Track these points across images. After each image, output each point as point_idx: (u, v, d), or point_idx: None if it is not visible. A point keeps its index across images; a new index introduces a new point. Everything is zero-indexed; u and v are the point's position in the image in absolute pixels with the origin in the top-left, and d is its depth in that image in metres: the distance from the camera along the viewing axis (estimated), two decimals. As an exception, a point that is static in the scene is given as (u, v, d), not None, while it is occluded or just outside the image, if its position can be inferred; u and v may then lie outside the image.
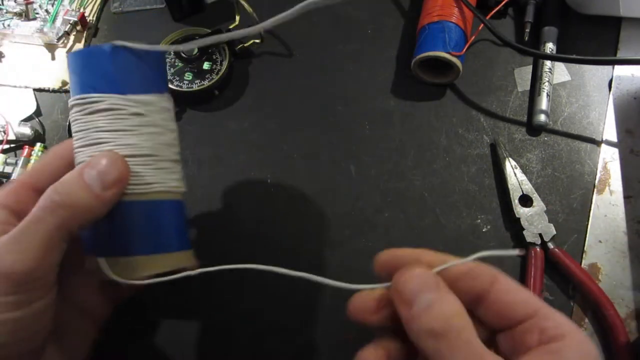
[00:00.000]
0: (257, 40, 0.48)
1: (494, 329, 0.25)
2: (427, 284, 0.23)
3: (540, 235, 0.39)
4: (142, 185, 0.29)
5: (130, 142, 0.29)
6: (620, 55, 0.46)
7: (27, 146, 0.45)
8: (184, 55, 0.46)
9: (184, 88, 0.45)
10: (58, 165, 0.31)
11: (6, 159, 0.45)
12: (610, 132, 0.43)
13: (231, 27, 0.48)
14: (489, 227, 0.41)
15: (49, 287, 0.27)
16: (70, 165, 0.31)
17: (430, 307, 0.22)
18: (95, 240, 0.30)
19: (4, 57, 0.51)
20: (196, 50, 0.46)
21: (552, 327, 0.23)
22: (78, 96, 0.29)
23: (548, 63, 0.45)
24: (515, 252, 0.38)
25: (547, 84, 0.44)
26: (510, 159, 0.41)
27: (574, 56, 0.41)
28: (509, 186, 0.41)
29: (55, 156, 0.32)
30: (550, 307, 0.25)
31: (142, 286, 0.29)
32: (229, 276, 0.40)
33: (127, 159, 0.28)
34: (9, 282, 0.25)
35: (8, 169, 0.45)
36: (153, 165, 0.29)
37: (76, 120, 0.29)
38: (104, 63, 0.28)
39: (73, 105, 0.29)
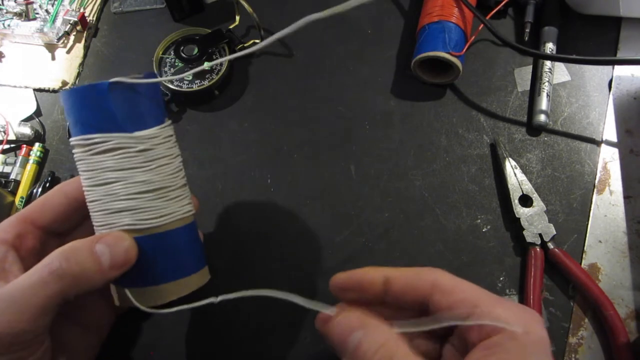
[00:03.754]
0: (257, 41, 0.48)
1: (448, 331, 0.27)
2: (351, 325, 0.25)
3: (540, 235, 0.39)
4: (159, 219, 0.29)
5: (141, 179, 0.29)
6: (620, 55, 0.46)
7: (25, 146, 0.45)
8: (184, 55, 0.46)
9: (184, 88, 0.45)
10: (61, 203, 0.32)
11: (6, 159, 0.45)
12: (610, 132, 0.43)
13: (231, 27, 0.48)
14: (489, 227, 0.41)
15: (40, 344, 0.27)
16: (73, 204, 0.31)
17: (360, 344, 0.25)
18: None
19: (4, 57, 0.51)
20: (196, 50, 0.46)
21: (490, 321, 0.24)
22: (81, 137, 0.28)
23: (548, 63, 0.45)
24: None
25: (547, 84, 0.44)
26: (510, 159, 0.42)
27: (574, 56, 0.41)
28: (509, 186, 0.41)
29: (60, 193, 0.32)
30: (492, 298, 0.25)
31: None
32: (229, 278, 0.40)
33: (140, 195, 0.29)
34: (1, 342, 0.25)
35: (7, 169, 0.45)
36: (165, 197, 0.30)
37: (81, 160, 0.29)
38: (103, 102, 0.28)
39: (76, 146, 0.29)
